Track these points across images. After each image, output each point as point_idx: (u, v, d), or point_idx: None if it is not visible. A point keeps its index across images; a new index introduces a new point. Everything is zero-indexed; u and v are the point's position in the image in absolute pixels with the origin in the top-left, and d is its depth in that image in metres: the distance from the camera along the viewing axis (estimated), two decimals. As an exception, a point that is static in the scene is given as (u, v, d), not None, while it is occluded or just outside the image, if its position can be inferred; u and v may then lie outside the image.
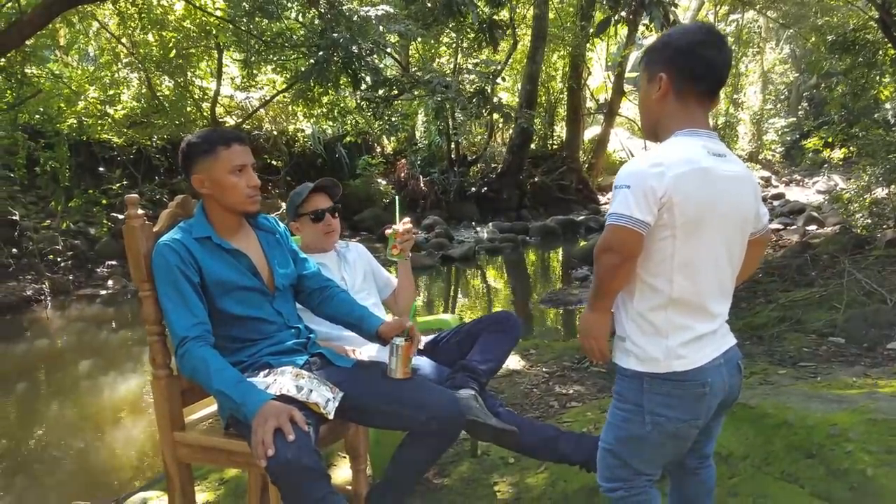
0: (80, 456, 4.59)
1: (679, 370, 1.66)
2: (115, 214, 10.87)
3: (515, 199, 16.86)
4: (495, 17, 7.71)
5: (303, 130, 15.70)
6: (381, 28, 6.47)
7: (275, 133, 15.07)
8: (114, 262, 10.48)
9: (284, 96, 14.06)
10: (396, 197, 3.16)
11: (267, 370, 2.18)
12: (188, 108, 12.57)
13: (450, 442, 2.27)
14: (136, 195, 2.27)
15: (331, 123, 15.75)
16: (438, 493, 2.78)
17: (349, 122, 15.56)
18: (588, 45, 18.13)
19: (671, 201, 1.59)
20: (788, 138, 28.17)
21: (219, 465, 2.83)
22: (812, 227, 13.47)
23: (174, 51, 11.29)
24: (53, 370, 6.91)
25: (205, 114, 12.97)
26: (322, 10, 7.01)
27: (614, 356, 1.78)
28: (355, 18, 6.41)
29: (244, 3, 10.29)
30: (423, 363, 2.64)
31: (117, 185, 11.14)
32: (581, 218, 15.60)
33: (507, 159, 16.97)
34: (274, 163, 14.77)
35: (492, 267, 12.01)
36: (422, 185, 16.04)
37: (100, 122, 11.28)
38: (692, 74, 1.69)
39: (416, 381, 2.27)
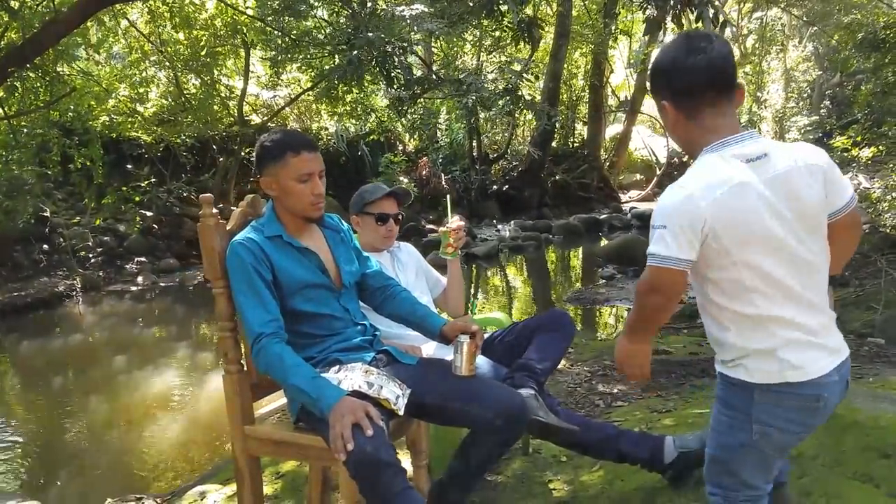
0: (127, 450, 4.67)
1: (793, 381, 1.61)
2: (143, 211, 11.01)
3: (537, 198, 16.85)
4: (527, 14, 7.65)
5: (326, 128, 15.79)
6: (414, 28, 6.51)
7: (299, 131, 15.16)
8: (143, 259, 10.63)
9: (308, 94, 14.14)
10: (448, 196, 3.20)
11: (337, 366, 2.23)
12: (215, 107, 12.68)
13: (515, 439, 2.30)
14: (210, 195, 2.31)
15: (354, 121, 15.84)
16: (493, 490, 2.81)
17: (372, 120, 15.64)
18: (611, 42, 18.10)
19: (714, 230, 1.55)
20: (811, 137, 27.90)
21: (288, 459, 2.88)
22: (839, 227, 13.35)
23: (205, 49, 11.38)
24: (88, 365, 7.02)
25: (232, 112, 13.07)
26: (356, 9, 7.06)
27: (720, 366, 1.72)
28: (390, 17, 6.45)
29: (273, 3, 10.38)
30: (481, 361, 2.67)
31: (145, 182, 11.27)
32: (604, 216, 15.59)
33: (529, 157, 16.96)
34: (298, 161, 14.84)
35: (515, 265, 12.03)
36: (443, 183, 16.08)
37: (130, 119, 11.43)
38: (688, 89, 1.64)
39: (481, 378, 2.31)
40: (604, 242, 13.26)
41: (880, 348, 4.58)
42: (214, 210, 2.28)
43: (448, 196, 3.20)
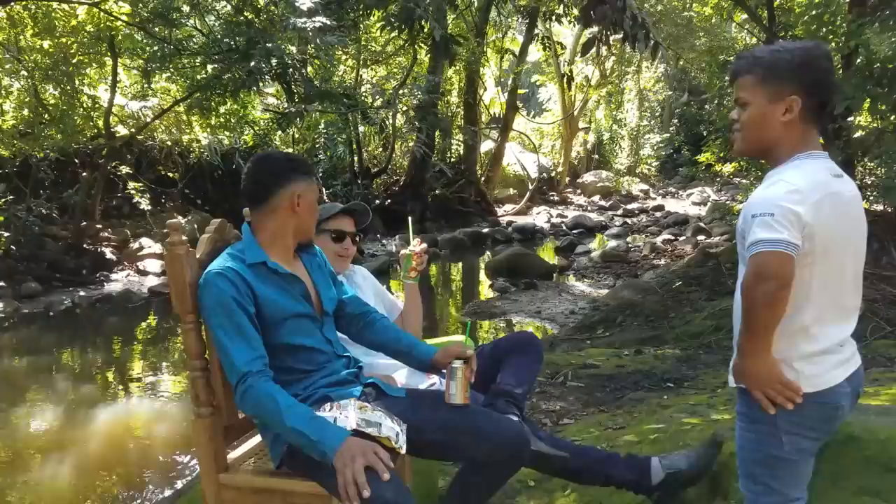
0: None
1: (810, 391, 1.65)
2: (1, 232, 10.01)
3: (418, 212, 16.88)
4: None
5: (198, 140, 15.04)
6: (317, 40, 6.31)
7: (168, 143, 14.36)
8: (2, 283, 9.64)
9: (179, 105, 13.43)
10: (409, 217, 3.07)
11: (328, 404, 2.05)
12: (77, 119, 11.75)
13: (515, 470, 2.22)
14: (179, 220, 2.09)
15: (227, 133, 15.20)
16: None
17: (249, 133, 15.09)
18: (483, 60, 18.50)
19: (812, 229, 1.58)
20: (663, 153, 29.90)
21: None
22: (701, 237, 14.27)
23: (77, 57, 10.51)
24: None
25: (96, 123, 12.17)
26: (249, 18, 6.78)
27: (738, 380, 1.74)
28: (290, 28, 6.22)
29: (143, 11, 9.78)
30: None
31: (1, 199, 10.25)
32: (486, 230, 15.87)
33: (410, 172, 16.98)
34: (169, 175, 14.09)
35: (406, 280, 11.90)
36: (325, 197, 15.76)
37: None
38: (825, 101, 1.70)
39: (477, 409, 2.21)
40: (488, 255, 13.45)
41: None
42: (184, 237, 2.06)
43: (409, 218, 3.08)
